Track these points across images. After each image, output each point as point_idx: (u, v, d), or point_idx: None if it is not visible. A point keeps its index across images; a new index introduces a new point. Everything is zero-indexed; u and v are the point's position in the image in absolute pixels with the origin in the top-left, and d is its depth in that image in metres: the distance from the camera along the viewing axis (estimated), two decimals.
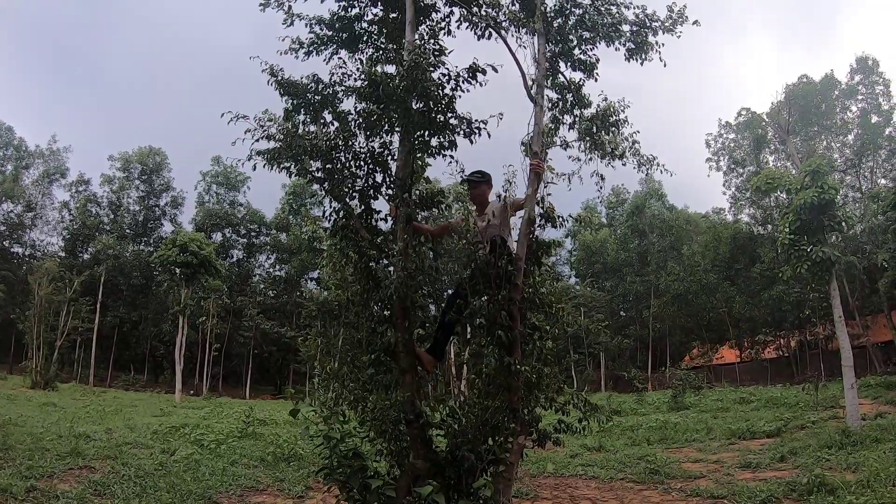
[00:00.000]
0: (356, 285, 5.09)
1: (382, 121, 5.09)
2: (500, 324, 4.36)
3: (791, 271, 16.36)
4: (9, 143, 54.52)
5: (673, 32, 6.84)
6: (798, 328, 44.23)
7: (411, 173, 5.15)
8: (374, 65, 5.83)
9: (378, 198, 5.31)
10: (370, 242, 5.13)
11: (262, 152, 5.40)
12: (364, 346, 4.92)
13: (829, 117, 45.34)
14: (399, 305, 4.79)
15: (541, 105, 5.56)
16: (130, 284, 53.38)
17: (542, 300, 4.85)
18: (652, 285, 51.30)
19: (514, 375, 4.42)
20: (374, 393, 4.86)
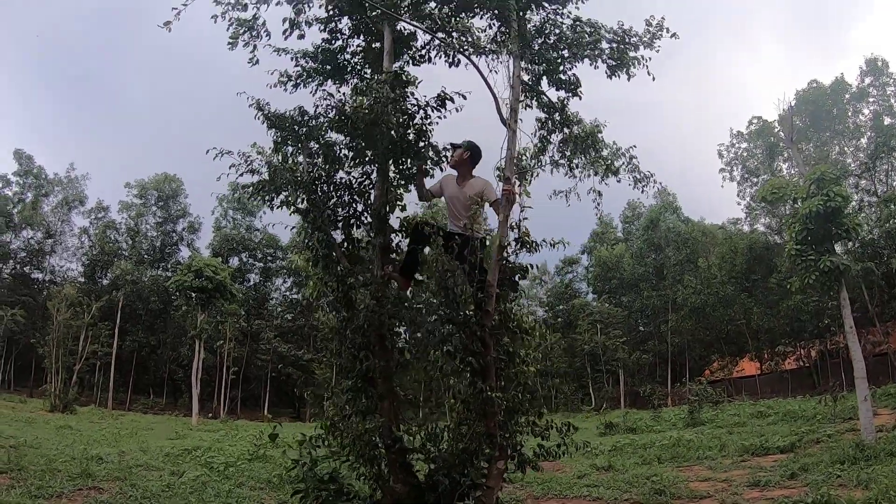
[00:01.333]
0: (338, 313, 5.17)
1: (357, 152, 5.19)
2: (472, 350, 4.39)
3: (799, 282, 16.14)
4: (28, 171, 55.79)
5: (652, 47, 6.84)
6: (818, 337, 43.43)
7: (385, 203, 5.23)
8: (358, 95, 5.96)
9: (360, 227, 5.41)
10: (349, 271, 5.22)
11: (247, 186, 5.54)
12: (343, 372, 4.99)
13: (841, 121, 44.84)
14: (376, 333, 4.86)
15: (514, 129, 5.60)
16: (148, 309, 54.02)
17: (518, 325, 4.84)
18: (669, 299, 50.82)
19: (489, 402, 4.44)
20: (353, 418, 4.91)
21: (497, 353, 4.75)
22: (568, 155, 6.72)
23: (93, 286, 54.03)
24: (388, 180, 5.36)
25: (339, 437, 4.87)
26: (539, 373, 26.19)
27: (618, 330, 50.96)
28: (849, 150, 45.64)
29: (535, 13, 6.82)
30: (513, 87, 5.90)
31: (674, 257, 52.45)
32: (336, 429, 4.85)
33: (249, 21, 5.90)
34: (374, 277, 5.04)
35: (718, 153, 50.07)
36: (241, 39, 5.92)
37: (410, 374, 5.17)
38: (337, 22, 6.69)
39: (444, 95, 5.07)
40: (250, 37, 5.95)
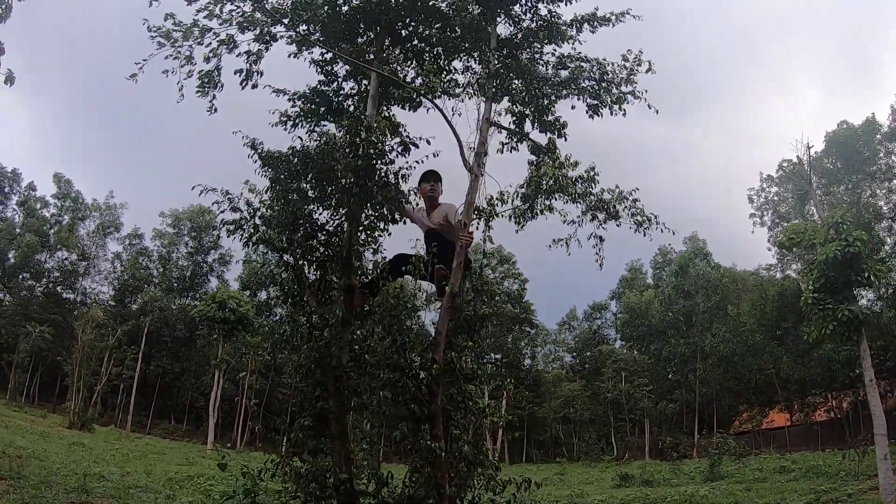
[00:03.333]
0: (297, 351, 5.23)
1: (319, 195, 5.31)
2: (416, 397, 4.37)
3: (817, 333, 15.63)
4: (67, 194, 57.85)
5: (631, 83, 6.76)
6: (849, 388, 41.74)
7: (351, 245, 5.31)
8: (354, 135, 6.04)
9: (332, 268, 5.50)
10: (315, 311, 5.29)
11: (227, 222, 5.70)
12: (299, 411, 5.03)
13: (873, 163, 43.77)
14: (332, 374, 4.89)
15: (476, 174, 5.61)
16: (174, 336, 54.83)
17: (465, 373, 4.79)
18: (697, 347, 49.74)
19: (431, 451, 4.39)
20: (304, 455, 4.92)
21: (451, 401, 4.71)
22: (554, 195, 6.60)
23: (122, 310, 55.23)
24: (357, 223, 5.44)
25: (290, 474, 4.88)
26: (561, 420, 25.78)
27: (644, 378, 50.09)
28: (881, 192, 44.39)
29: (521, 51, 6.91)
30: (480, 131, 5.93)
31: (703, 304, 51.44)
32: (287, 465, 4.86)
33: (212, 71, 6.09)
34: (333, 318, 5.09)
35: (749, 198, 49.23)
36: (205, 89, 6.09)
37: (364, 416, 5.15)
38: (333, 65, 6.95)
39: (406, 141, 5.17)
40: (211, 87, 6.12)
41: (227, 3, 5.94)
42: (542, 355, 67.82)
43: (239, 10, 5.99)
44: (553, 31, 6.63)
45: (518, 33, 6.84)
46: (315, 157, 5.06)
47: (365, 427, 5.14)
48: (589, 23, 6.74)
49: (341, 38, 6.43)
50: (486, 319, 5.12)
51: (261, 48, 6.26)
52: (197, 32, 5.90)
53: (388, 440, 5.11)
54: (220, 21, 5.98)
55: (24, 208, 57.08)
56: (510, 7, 6.74)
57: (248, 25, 5.99)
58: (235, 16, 5.98)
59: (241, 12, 5.99)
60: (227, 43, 6.08)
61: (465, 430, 4.80)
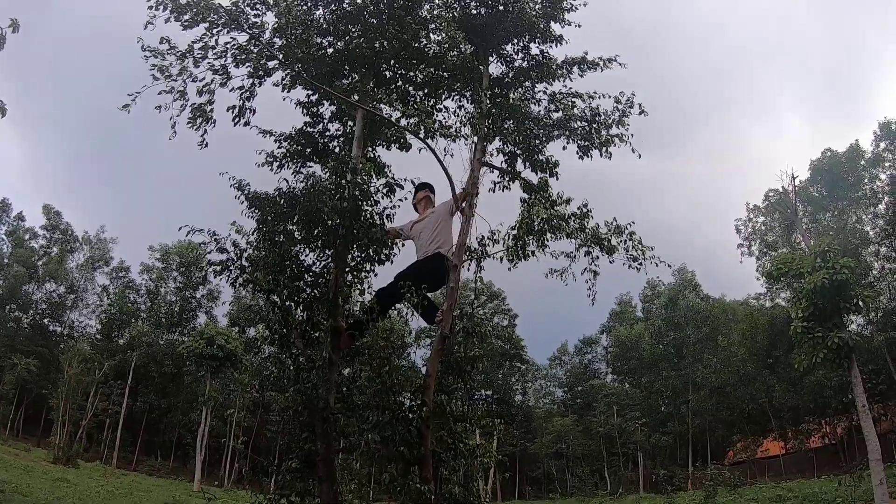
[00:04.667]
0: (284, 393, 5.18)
1: (304, 236, 5.32)
2: (405, 440, 4.33)
3: (808, 361, 15.66)
4: (56, 226, 57.48)
5: (623, 125, 6.85)
6: (843, 413, 41.64)
7: (338, 286, 5.30)
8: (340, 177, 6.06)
9: (319, 309, 5.47)
10: (302, 352, 5.25)
11: (214, 263, 5.69)
12: (286, 452, 4.96)
13: (858, 188, 44.39)
14: (320, 415, 4.84)
15: (468, 216, 5.64)
16: (162, 372, 53.98)
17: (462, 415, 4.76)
18: (689, 379, 49.66)
19: (419, 493, 4.33)
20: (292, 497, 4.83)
21: (441, 443, 4.66)
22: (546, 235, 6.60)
23: (109, 344, 54.44)
24: (343, 264, 5.44)
25: None
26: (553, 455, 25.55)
27: (636, 411, 49.88)
28: (867, 217, 44.92)
29: (513, 91, 7.01)
30: (471, 171, 5.98)
31: (693, 336, 51.55)
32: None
33: (204, 105, 6.11)
34: (320, 359, 5.05)
35: (736, 228, 49.65)
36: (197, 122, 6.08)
37: (353, 457, 5.08)
38: (318, 106, 7.00)
39: (392, 183, 5.22)
40: (203, 121, 6.12)
41: (223, 33, 5.96)
42: (532, 391, 67.46)
43: (234, 42, 6.03)
44: (545, 70, 6.75)
45: (510, 72, 6.95)
46: (302, 199, 5.06)
47: (355, 467, 5.05)
48: (579, 66, 6.90)
49: (325, 80, 6.48)
50: (477, 361, 5.10)
51: (254, 83, 6.30)
52: (191, 61, 5.93)
53: (378, 482, 5.03)
54: (214, 53, 6.02)
55: (12, 239, 56.65)
56: (502, 47, 6.87)
57: (242, 59, 6.02)
58: (231, 48, 6.02)
59: (236, 44, 6.03)
60: (221, 73, 6.09)
61: (455, 471, 4.74)
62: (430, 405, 4.62)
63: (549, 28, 6.78)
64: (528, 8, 6.61)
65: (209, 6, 5.70)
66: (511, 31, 6.73)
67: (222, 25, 5.80)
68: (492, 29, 6.66)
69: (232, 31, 5.89)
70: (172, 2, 5.61)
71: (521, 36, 6.81)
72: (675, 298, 53.85)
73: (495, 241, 5.80)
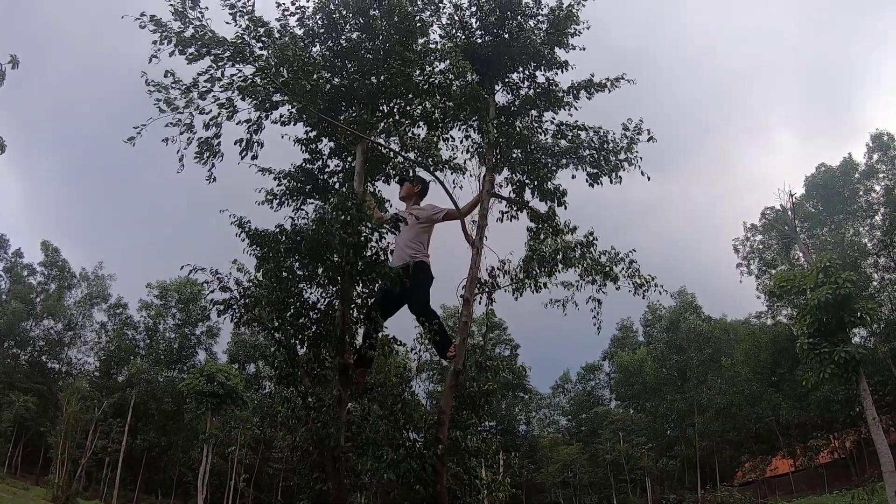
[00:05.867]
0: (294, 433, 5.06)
1: (309, 273, 5.24)
2: (420, 478, 4.20)
3: (815, 377, 15.53)
4: (54, 262, 57.31)
5: (631, 151, 6.82)
6: (851, 426, 41.26)
7: (345, 324, 5.21)
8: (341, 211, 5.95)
9: (326, 347, 5.37)
10: (310, 391, 5.14)
11: (218, 302, 5.59)
12: (297, 493, 4.81)
13: (854, 201, 44.63)
14: (330, 455, 4.71)
15: (478, 248, 5.57)
16: (161, 410, 53.39)
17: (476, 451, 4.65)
18: (694, 401, 49.29)
19: None
20: None
21: (456, 479, 4.53)
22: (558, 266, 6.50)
23: (107, 381, 53.92)
24: (349, 301, 5.35)
25: None
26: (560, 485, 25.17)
27: (642, 437, 49.41)
28: (864, 229, 45.08)
29: (520, 119, 7.01)
30: (481, 203, 5.92)
31: (696, 358, 51.29)
32: None
33: (211, 139, 6.02)
34: (330, 398, 4.94)
35: (734, 248, 49.80)
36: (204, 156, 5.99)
37: (365, 496, 4.94)
38: (317, 143, 6.95)
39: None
40: (210, 155, 6.03)
41: (228, 66, 5.91)
42: (536, 420, 67.13)
43: (240, 73, 5.98)
44: (551, 98, 6.75)
45: (516, 100, 6.94)
46: (308, 233, 4.99)
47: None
48: (586, 90, 6.89)
49: (327, 115, 6.44)
50: (490, 395, 4.99)
51: (261, 116, 6.25)
52: (196, 94, 5.86)
53: None
54: (220, 86, 5.94)
55: (10, 275, 56.49)
56: (508, 75, 6.86)
57: (248, 92, 5.95)
58: (237, 80, 5.96)
59: (243, 76, 5.96)
60: (227, 107, 6.03)
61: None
62: (444, 442, 4.51)
63: (554, 54, 6.79)
64: (534, 35, 6.63)
65: (214, 39, 5.67)
66: (517, 58, 6.74)
67: (227, 59, 5.76)
68: (497, 57, 6.67)
69: (237, 64, 5.85)
70: (177, 35, 5.58)
71: (527, 63, 6.81)
72: (677, 321, 53.77)
73: (506, 272, 5.71)
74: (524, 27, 6.76)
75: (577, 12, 6.82)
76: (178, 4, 5.62)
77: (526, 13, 6.83)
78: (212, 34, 5.71)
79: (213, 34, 5.72)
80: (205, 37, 5.64)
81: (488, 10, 6.77)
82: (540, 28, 6.86)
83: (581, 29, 6.85)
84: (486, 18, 6.78)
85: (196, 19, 5.70)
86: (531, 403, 64.19)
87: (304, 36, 6.50)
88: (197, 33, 5.65)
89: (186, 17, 5.64)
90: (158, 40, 5.58)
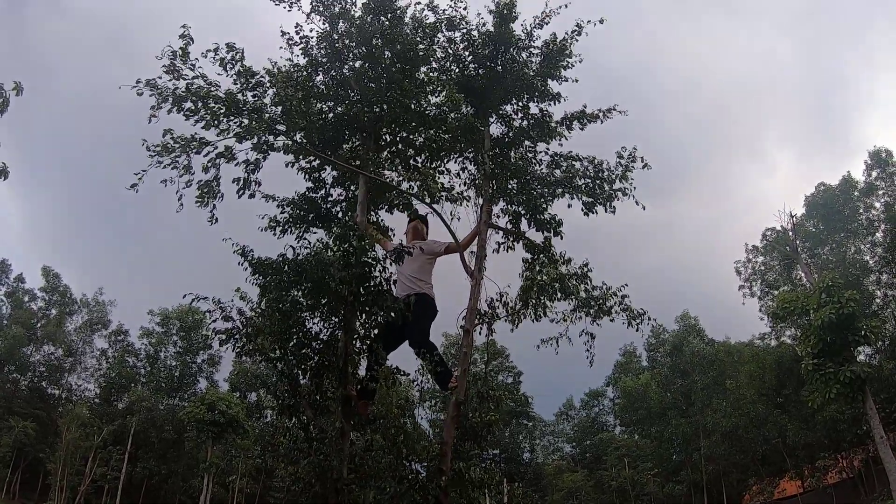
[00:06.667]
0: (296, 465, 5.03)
1: (311, 304, 5.26)
2: None
3: (821, 398, 15.43)
4: (55, 288, 57.22)
5: (627, 180, 6.85)
6: (859, 445, 40.82)
7: (346, 355, 5.21)
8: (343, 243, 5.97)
9: (328, 378, 5.36)
10: (312, 422, 5.12)
11: (220, 332, 5.60)
12: None
13: (854, 220, 44.64)
14: (333, 487, 4.67)
15: (478, 279, 5.59)
16: (162, 438, 52.89)
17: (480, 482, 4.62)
18: (699, 425, 48.85)
19: None
20: None
21: None
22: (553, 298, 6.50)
23: (107, 408, 53.53)
24: (352, 332, 5.35)
25: None
26: None
27: (647, 462, 48.87)
28: (865, 246, 45.01)
29: (514, 150, 7.07)
30: (479, 233, 5.94)
31: (700, 381, 50.92)
32: None
33: (211, 181, 6.09)
34: (333, 430, 4.91)
35: (736, 270, 49.76)
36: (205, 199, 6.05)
37: None
38: (320, 171, 6.99)
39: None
40: (210, 197, 6.09)
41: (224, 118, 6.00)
42: (541, 447, 66.35)
43: (237, 120, 6.06)
44: (545, 129, 6.82)
45: (510, 132, 7.02)
46: (308, 268, 5.01)
47: None
48: (578, 120, 6.98)
49: (328, 145, 6.53)
50: (492, 425, 4.98)
51: (258, 157, 6.33)
52: (195, 145, 5.94)
53: None
54: (217, 132, 6.02)
55: (11, 300, 56.40)
56: (501, 107, 6.95)
57: (245, 136, 6.02)
58: (234, 126, 6.05)
59: (239, 122, 6.05)
60: (226, 154, 6.14)
61: None
62: (448, 473, 4.49)
63: (546, 86, 6.89)
64: (527, 68, 6.74)
65: (209, 94, 5.76)
66: (510, 90, 6.84)
67: (223, 115, 5.84)
68: (491, 90, 6.77)
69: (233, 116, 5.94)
70: (172, 94, 5.66)
71: (520, 95, 6.91)
72: (680, 345, 53.49)
73: (504, 303, 5.73)
74: (517, 59, 6.88)
75: (571, 46, 6.94)
76: (169, 59, 5.73)
77: (519, 46, 6.95)
78: (206, 87, 5.82)
79: (207, 88, 5.82)
80: (199, 91, 5.73)
81: (481, 43, 6.90)
82: (533, 60, 6.97)
83: (574, 62, 6.95)
84: (480, 51, 6.90)
85: (189, 70, 5.81)
86: (535, 431, 63.65)
87: (308, 65, 6.62)
88: (191, 87, 5.76)
89: (179, 72, 5.76)
90: (157, 104, 5.68)
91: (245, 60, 6.08)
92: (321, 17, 6.66)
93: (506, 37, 6.88)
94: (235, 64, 6.05)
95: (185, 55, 5.79)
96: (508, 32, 6.90)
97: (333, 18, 6.59)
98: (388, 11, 6.44)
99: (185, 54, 5.78)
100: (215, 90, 5.84)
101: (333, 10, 6.61)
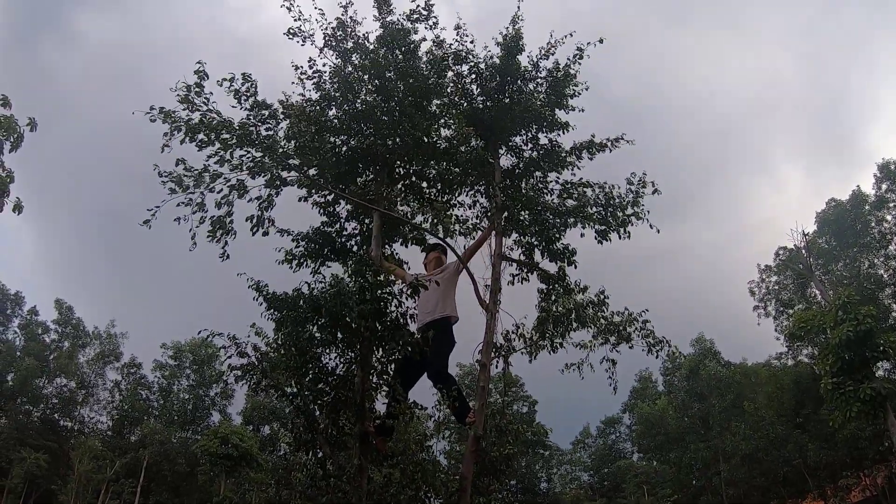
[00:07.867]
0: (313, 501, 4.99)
1: (327, 339, 5.25)
2: None
3: (842, 417, 15.16)
4: (68, 321, 57.51)
5: (638, 206, 6.85)
6: (881, 461, 39.97)
7: (363, 391, 5.19)
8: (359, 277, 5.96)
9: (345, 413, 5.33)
10: (329, 458, 5.09)
11: (235, 367, 5.61)
12: None
13: (866, 234, 44.24)
14: None
15: (493, 312, 5.57)
16: (175, 471, 52.55)
17: None
18: (718, 449, 48.05)
19: None
20: None
21: None
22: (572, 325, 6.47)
23: (120, 441, 53.36)
24: (368, 367, 5.33)
25: None
26: None
27: (667, 489, 48.05)
28: (878, 260, 44.51)
29: (525, 181, 7.10)
30: (493, 266, 5.95)
31: (718, 404, 50.20)
32: None
33: (224, 217, 6.11)
34: (351, 466, 4.88)
35: (750, 291, 49.38)
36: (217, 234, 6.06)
37: None
38: (335, 205, 7.00)
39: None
40: (223, 234, 6.10)
41: (237, 149, 6.04)
42: (558, 477, 65.48)
43: (249, 154, 6.11)
44: (555, 159, 6.88)
45: (520, 163, 7.08)
46: (324, 303, 5.02)
47: None
48: (588, 150, 7.03)
49: (342, 179, 6.57)
50: (511, 459, 4.93)
51: (271, 193, 6.35)
52: (208, 178, 5.98)
53: None
54: (230, 167, 6.06)
55: (25, 332, 56.70)
56: (510, 139, 7.02)
57: (258, 171, 6.06)
58: (246, 161, 6.09)
59: (252, 157, 6.11)
60: (238, 188, 6.16)
61: None
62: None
63: (554, 116, 6.96)
64: (534, 98, 6.82)
65: (221, 124, 5.83)
66: (518, 121, 6.91)
67: (235, 144, 5.90)
68: (499, 122, 6.84)
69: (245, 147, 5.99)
70: (185, 123, 5.74)
71: (529, 126, 6.99)
72: (696, 369, 52.80)
73: (521, 335, 5.71)
74: (524, 90, 6.98)
75: (575, 72, 7.03)
76: (183, 92, 5.80)
77: (525, 77, 7.05)
78: (219, 119, 5.88)
79: (220, 119, 5.88)
80: (212, 123, 5.81)
81: (488, 76, 7.00)
82: (539, 90, 7.06)
83: (580, 90, 7.05)
84: (487, 84, 7.00)
85: (203, 104, 5.88)
86: (552, 460, 62.86)
87: (321, 99, 6.69)
88: (204, 118, 5.83)
89: (193, 103, 5.83)
90: (169, 132, 5.74)
91: (259, 94, 6.19)
92: (334, 52, 6.79)
93: (512, 69, 6.98)
94: (250, 97, 6.14)
95: (200, 88, 5.88)
96: (515, 64, 7.00)
97: (347, 53, 6.71)
98: (403, 45, 6.55)
99: (199, 88, 5.87)
100: (229, 123, 5.91)
101: (346, 46, 6.73)
